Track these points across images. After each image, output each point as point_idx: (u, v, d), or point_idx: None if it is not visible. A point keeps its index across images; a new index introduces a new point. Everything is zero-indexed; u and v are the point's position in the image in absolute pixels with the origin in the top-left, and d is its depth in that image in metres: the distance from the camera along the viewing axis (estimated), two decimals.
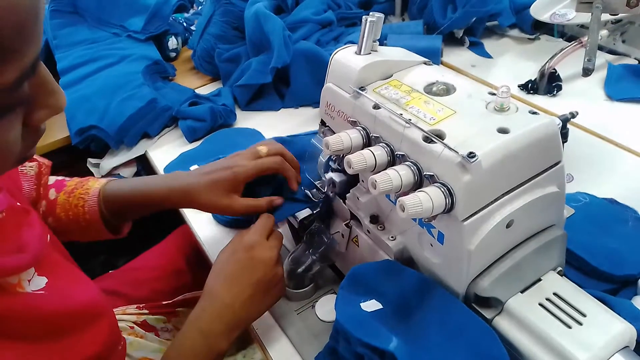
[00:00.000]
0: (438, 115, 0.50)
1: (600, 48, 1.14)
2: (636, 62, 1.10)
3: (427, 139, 0.48)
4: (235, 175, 0.65)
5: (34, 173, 0.66)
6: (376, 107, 0.53)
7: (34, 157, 0.65)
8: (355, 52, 0.58)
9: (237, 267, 0.60)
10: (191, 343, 0.57)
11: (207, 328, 0.57)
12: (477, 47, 1.23)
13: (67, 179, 0.72)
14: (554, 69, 1.02)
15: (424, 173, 0.47)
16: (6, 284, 0.44)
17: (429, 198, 0.44)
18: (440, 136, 0.48)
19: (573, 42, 1.04)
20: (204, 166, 0.69)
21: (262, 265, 0.60)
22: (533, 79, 1.05)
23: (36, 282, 0.46)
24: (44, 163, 0.67)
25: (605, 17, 0.92)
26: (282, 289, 0.63)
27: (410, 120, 0.50)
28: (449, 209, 0.45)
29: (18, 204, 0.49)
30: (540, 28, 1.24)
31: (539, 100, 1.02)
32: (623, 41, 1.13)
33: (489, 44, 1.24)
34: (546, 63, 1.02)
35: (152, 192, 0.67)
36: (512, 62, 1.18)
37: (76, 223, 0.68)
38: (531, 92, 1.04)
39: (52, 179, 0.71)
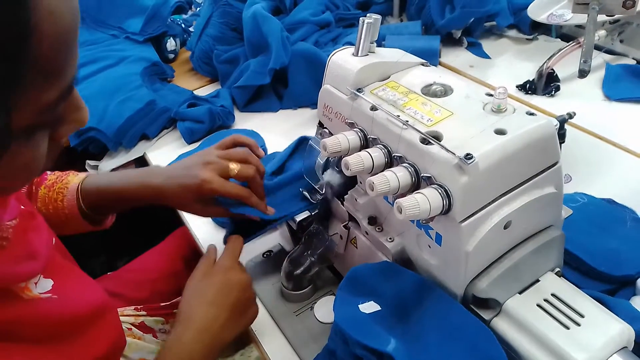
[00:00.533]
0: (435, 117, 0.50)
1: (598, 48, 1.14)
2: (634, 62, 1.10)
3: (425, 141, 0.48)
4: (200, 188, 0.63)
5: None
6: (373, 108, 0.53)
7: None
8: (353, 54, 0.58)
9: (212, 290, 0.60)
10: None
11: (188, 354, 0.57)
12: (475, 48, 1.23)
13: (49, 172, 0.72)
14: (552, 69, 1.02)
15: (422, 174, 0.48)
16: (12, 288, 0.44)
17: (426, 200, 0.44)
18: (437, 138, 0.48)
19: (571, 42, 1.04)
20: (177, 164, 0.68)
21: (237, 287, 0.61)
22: (531, 79, 1.05)
23: (42, 285, 0.46)
24: None
25: (603, 17, 0.92)
26: (256, 311, 0.64)
27: (407, 121, 0.50)
28: (447, 210, 0.45)
29: (22, 207, 0.49)
30: (538, 28, 1.24)
31: (537, 100, 1.02)
32: (621, 41, 1.13)
33: (487, 45, 1.25)
34: (544, 63, 1.02)
35: (127, 189, 0.67)
36: (510, 62, 1.18)
37: (56, 217, 0.68)
38: (529, 92, 1.04)
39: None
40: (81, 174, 0.71)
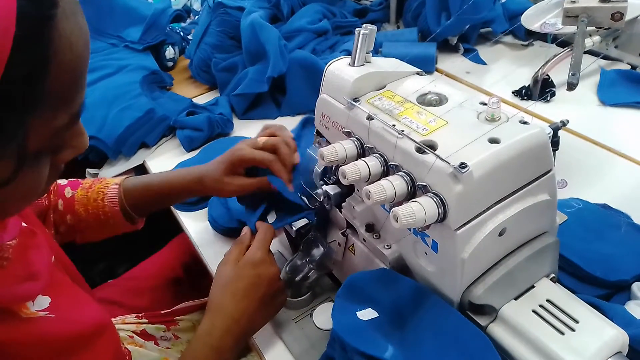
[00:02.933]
0: (430, 126, 0.51)
1: (593, 53, 1.15)
2: (629, 67, 1.11)
3: (420, 150, 0.49)
4: (231, 158, 0.69)
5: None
6: (370, 118, 0.54)
7: None
8: (349, 64, 0.59)
9: (244, 283, 0.61)
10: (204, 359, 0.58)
11: (218, 344, 0.59)
12: (471, 54, 1.24)
13: (80, 180, 0.75)
14: (547, 75, 1.03)
15: (417, 183, 0.48)
16: (10, 307, 0.44)
17: (421, 208, 0.45)
18: (432, 147, 0.48)
19: (566, 48, 1.05)
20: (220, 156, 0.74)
21: (267, 281, 0.62)
22: (527, 85, 1.06)
23: (40, 302, 0.46)
24: None
25: None
26: (284, 300, 0.66)
27: (403, 131, 0.51)
28: (442, 218, 0.46)
29: (24, 224, 0.50)
30: (534, 34, 1.25)
31: (533, 106, 1.03)
32: (616, 46, 1.14)
33: (483, 51, 1.26)
34: (539, 69, 1.03)
35: (170, 182, 0.73)
36: (506, 68, 1.19)
37: (95, 217, 0.71)
38: (525, 98, 1.05)
39: (64, 181, 0.74)
40: (118, 177, 0.75)
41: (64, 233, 0.73)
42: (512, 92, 1.07)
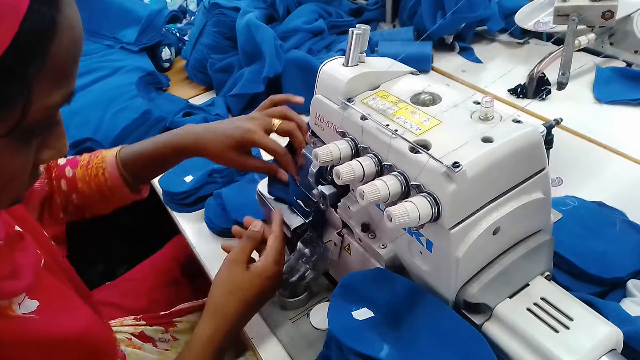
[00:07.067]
0: (424, 126, 0.51)
1: (589, 51, 1.15)
2: (624, 64, 1.11)
3: (413, 150, 0.49)
4: (242, 138, 0.66)
5: (43, 169, 0.67)
6: (364, 118, 0.54)
7: None
8: (343, 64, 0.59)
9: (254, 292, 0.61)
10: None
11: (220, 347, 0.59)
12: (467, 52, 1.25)
13: (78, 156, 0.74)
14: (543, 72, 1.03)
15: (411, 183, 0.48)
16: None
17: (415, 208, 0.45)
18: (425, 146, 0.49)
19: (562, 45, 1.05)
20: (218, 121, 0.72)
21: (272, 291, 0.64)
22: (522, 83, 1.06)
23: (27, 305, 0.46)
24: None
25: None
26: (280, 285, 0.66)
27: (396, 130, 0.51)
28: (436, 218, 0.46)
29: (17, 228, 0.50)
30: (530, 32, 1.25)
31: (529, 104, 1.03)
32: (611, 43, 1.14)
33: (479, 49, 1.26)
34: (535, 67, 1.03)
35: (165, 144, 0.70)
36: (502, 66, 1.19)
37: (99, 192, 0.71)
38: (520, 96, 1.05)
39: (62, 160, 0.73)
40: (113, 149, 0.73)
41: (72, 212, 0.73)
42: (508, 91, 1.07)
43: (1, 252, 0.46)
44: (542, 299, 0.51)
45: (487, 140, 0.48)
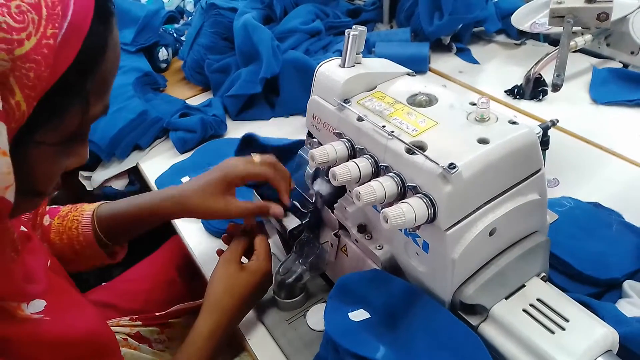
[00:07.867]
0: (420, 127, 0.51)
1: (586, 52, 1.16)
2: (621, 65, 1.12)
3: (410, 151, 0.49)
4: (225, 176, 0.66)
5: None
6: (360, 119, 0.54)
7: None
8: (340, 65, 0.59)
9: (250, 290, 0.64)
10: (207, 356, 0.61)
11: (220, 341, 0.62)
12: (464, 53, 1.25)
13: (61, 206, 0.72)
14: (540, 74, 1.04)
15: (407, 184, 0.48)
16: (7, 306, 0.44)
17: (411, 209, 0.45)
18: (422, 148, 0.49)
19: (558, 47, 1.06)
20: (196, 176, 0.70)
21: (266, 287, 0.68)
22: (519, 84, 1.06)
23: (35, 305, 0.46)
24: None
25: None
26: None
27: (393, 132, 0.51)
28: (432, 219, 0.46)
29: (23, 228, 0.50)
30: (527, 33, 1.26)
31: (525, 105, 1.04)
32: (608, 45, 1.15)
33: (476, 50, 1.26)
34: (531, 68, 1.04)
35: (145, 205, 0.68)
36: (499, 67, 1.19)
37: (70, 247, 0.68)
38: (517, 97, 1.05)
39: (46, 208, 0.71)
40: (95, 203, 0.71)
41: None
42: (505, 92, 1.07)
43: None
44: (538, 300, 0.51)
45: (483, 141, 0.48)
